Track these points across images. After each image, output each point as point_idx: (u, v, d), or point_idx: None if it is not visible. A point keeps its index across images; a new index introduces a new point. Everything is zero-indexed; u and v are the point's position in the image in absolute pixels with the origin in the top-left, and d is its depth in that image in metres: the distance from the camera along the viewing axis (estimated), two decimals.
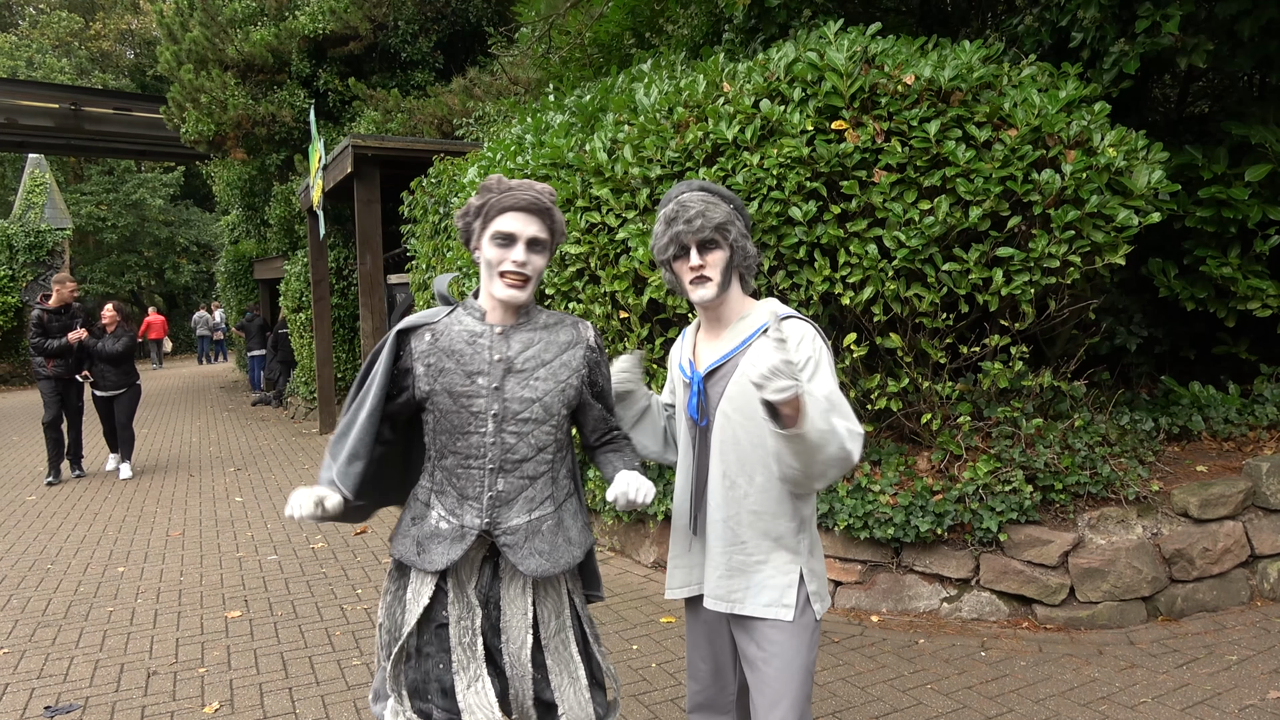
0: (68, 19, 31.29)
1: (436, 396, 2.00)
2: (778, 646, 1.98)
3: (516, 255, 1.94)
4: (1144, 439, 4.57)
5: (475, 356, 2.00)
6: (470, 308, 2.06)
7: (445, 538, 2.02)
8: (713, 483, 2.06)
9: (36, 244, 19.66)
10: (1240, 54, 4.67)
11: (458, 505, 2.02)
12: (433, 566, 2.01)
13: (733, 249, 2.03)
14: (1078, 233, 3.92)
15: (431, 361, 2.00)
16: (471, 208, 2.01)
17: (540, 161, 5.08)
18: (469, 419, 1.99)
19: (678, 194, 2.09)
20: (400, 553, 2.07)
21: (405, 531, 2.09)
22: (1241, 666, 3.44)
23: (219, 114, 13.24)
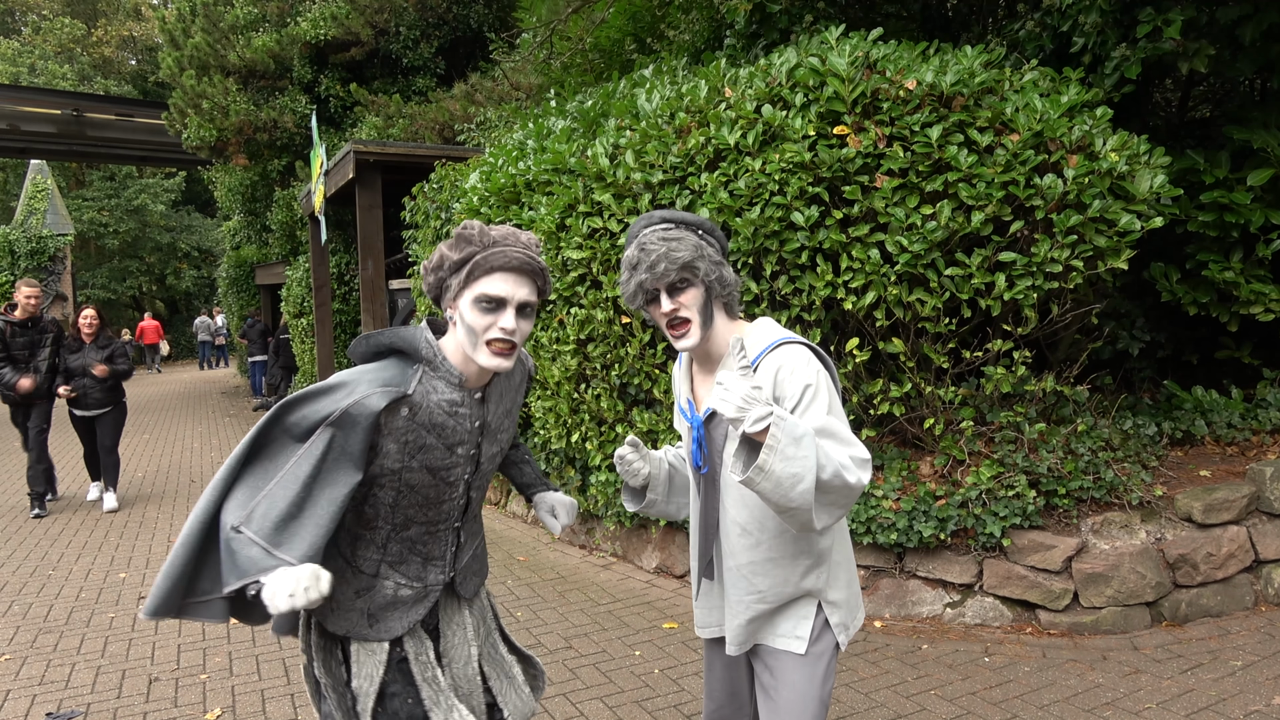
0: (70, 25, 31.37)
1: (409, 474, 1.78)
2: (788, 676, 1.93)
3: (506, 323, 1.70)
4: (1147, 444, 4.56)
5: (457, 429, 1.80)
6: (444, 371, 1.77)
7: (405, 604, 1.88)
8: (726, 530, 1.96)
9: (38, 250, 19.67)
10: (1242, 59, 4.67)
11: (422, 569, 1.90)
12: (390, 635, 1.86)
13: (706, 283, 1.87)
14: (1080, 237, 3.92)
15: (409, 439, 1.76)
16: (448, 261, 1.73)
17: (542, 167, 5.09)
18: (444, 490, 1.85)
19: (638, 233, 1.93)
20: (345, 628, 1.85)
21: (347, 605, 1.85)
22: (1246, 672, 3.43)
23: (221, 120, 13.27)
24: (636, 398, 4.95)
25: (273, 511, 1.62)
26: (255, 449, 1.70)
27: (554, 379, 5.24)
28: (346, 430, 1.68)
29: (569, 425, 5.34)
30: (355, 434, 1.68)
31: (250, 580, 1.56)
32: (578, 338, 4.94)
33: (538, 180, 5.16)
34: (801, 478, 1.61)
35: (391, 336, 1.78)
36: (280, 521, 1.62)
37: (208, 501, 1.67)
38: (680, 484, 2.15)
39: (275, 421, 1.70)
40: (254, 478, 1.68)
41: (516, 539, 5.96)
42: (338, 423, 1.68)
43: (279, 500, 1.63)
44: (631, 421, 4.89)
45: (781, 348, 1.86)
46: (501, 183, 5.41)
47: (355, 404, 1.68)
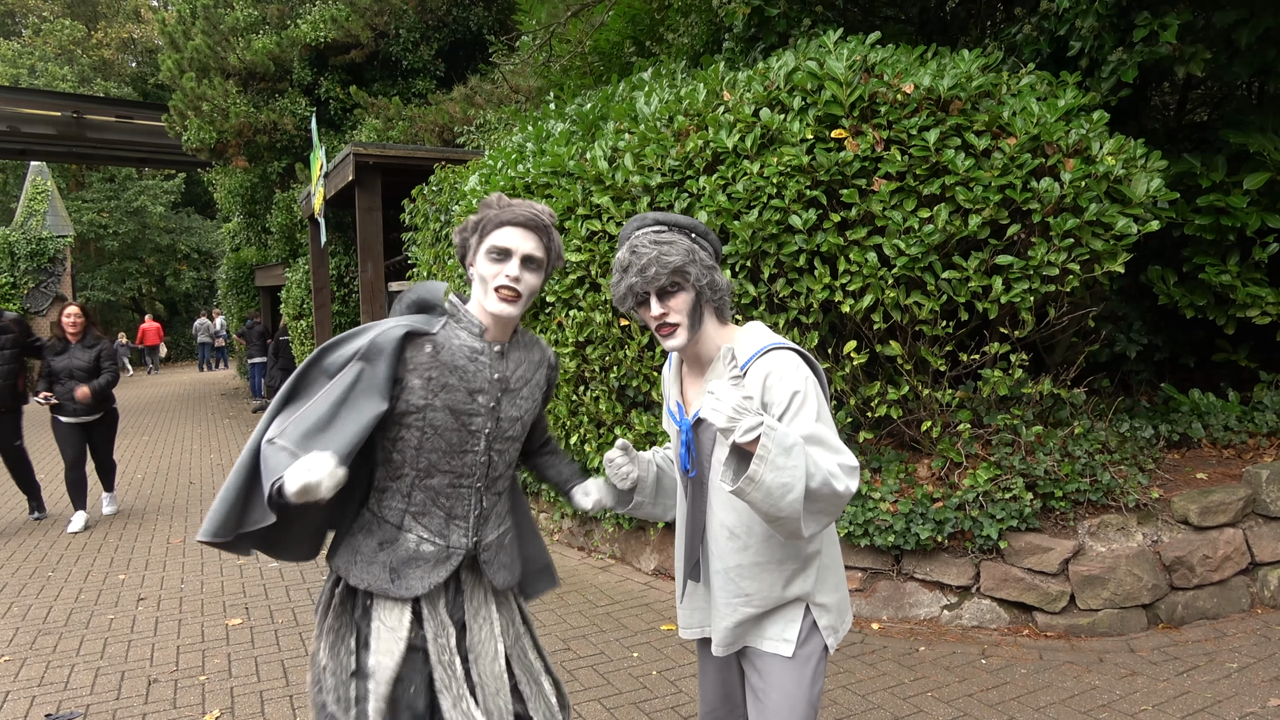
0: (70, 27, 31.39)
1: (433, 413, 1.89)
2: (777, 679, 1.93)
3: (510, 270, 1.89)
4: (1144, 446, 4.57)
5: (477, 374, 1.93)
6: (466, 321, 1.96)
7: (427, 561, 1.93)
8: (713, 533, 1.95)
9: (38, 251, 19.69)
10: (1238, 62, 4.69)
11: (444, 525, 1.95)
12: (411, 593, 1.90)
13: (697, 288, 1.87)
14: (1077, 240, 3.93)
15: (433, 375, 1.89)
16: (469, 223, 1.96)
17: (541, 170, 5.10)
18: (466, 438, 1.93)
19: (630, 235, 1.95)
20: (368, 581, 1.91)
21: (370, 558, 1.92)
22: (1242, 674, 3.44)
23: (221, 122, 13.29)
24: (635, 400, 4.97)
25: (302, 424, 1.76)
26: (295, 387, 1.86)
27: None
28: (373, 360, 1.83)
29: (568, 427, 5.35)
30: (381, 362, 1.83)
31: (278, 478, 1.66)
32: (576, 340, 4.96)
33: (537, 183, 5.18)
34: (791, 487, 1.62)
35: (418, 290, 2.00)
36: (309, 431, 1.74)
37: (257, 433, 1.81)
38: (667, 486, 2.16)
39: (314, 363, 1.88)
40: (291, 409, 1.83)
41: None
42: (365, 354, 1.84)
43: (309, 416, 1.77)
44: (630, 424, 4.90)
45: (771, 353, 1.86)
46: (501, 185, 5.42)
47: (381, 334, 1.86)
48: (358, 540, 1.95)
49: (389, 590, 1.90)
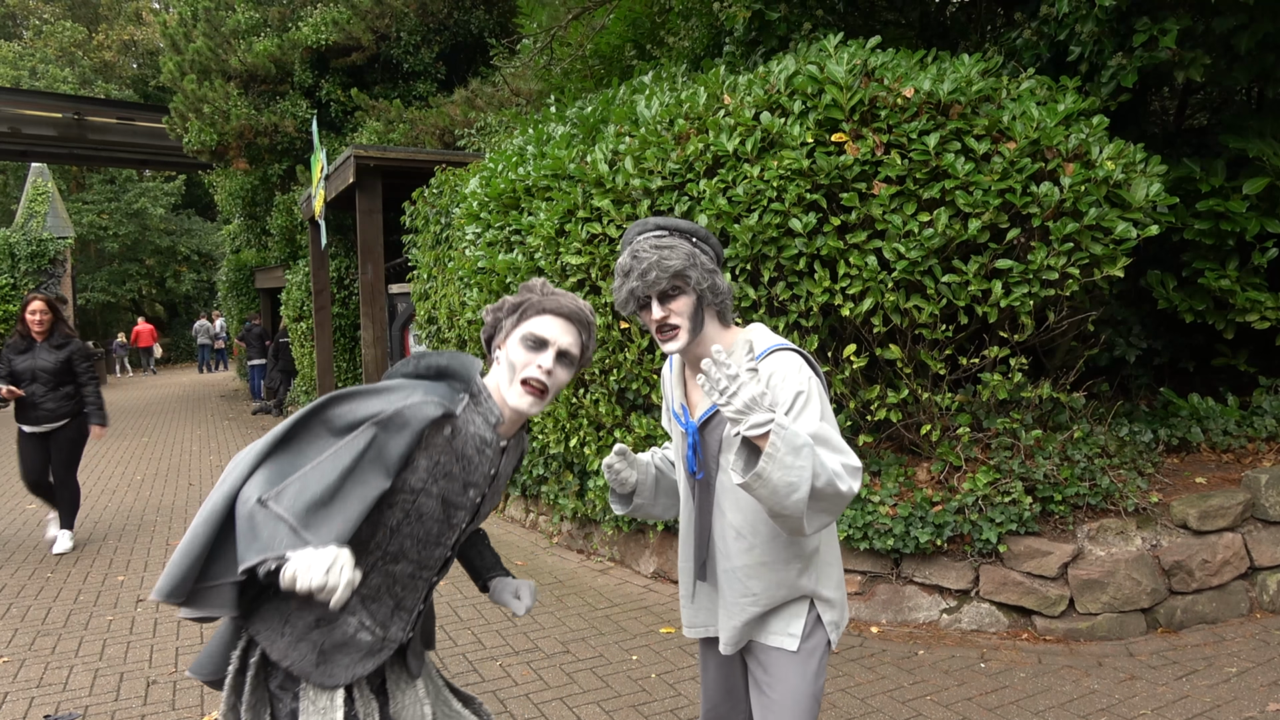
0: (71, 29, 31.41)
1: (424, 499, 1.74)
2: (782, 673, 1.94)
3: (544, 361, 1.75)
4: (1143, 450, 4.58)
5: (477, 469, 1.79)
6: (486, 409, 1.79)
7: (359, 650, 1.76)
8: (719, 534, 1.97)
9: (38, 253, 19.68)
10: (1237, 68, 4.70)
11: (389, 615, 1.79)
12: (333, 682, 1.72)
13: (698, 291, 1.88)
14: (1076, 245, 3.94)
15: (441, 460, 1.73)
16: (506, 304, 1.83)
17: (541, 172, 5.11)
18: (444, 530, 1.80)
19: (631, 239, 1.96)
20: (291, 660, 1.70)
21: (301, 634, 1.71)
22: (1241, 679, 3.44)
23: (221, 124, 13.31)
24: (634, 402, 4.97)
25: (306, 493, 1.57)
26: (290, 436, 1.67)
27: None
28: (392, 432, 1.66)
29: (567, 430, 5.35)
30: (401, 437, 1.66)
31: (274, 555, 1.48)
32: None
33: (537, 185, 5.19)
34: (797, 487, 1.64)
35: (448, 359, 1.81)
36: (313, 504, 1.56)
37: (232, 481, 1.60)
38: (666, 486, 2.17)
39: (317, 412, 1.69)
40: (282, 462, 1.63)
41: (514, 543, 5.97)
42: (385, 423, 1.65)
43: (313, 484, 1.58)
44: (629, 426, 4.90)
45: (774, 354, 1.88)
46: (501, 188, 5.43)
47: (411, 406, 1.67)
48: (289, 610, 1.71)
49: (310, 675, 1.71)
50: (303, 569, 1.43)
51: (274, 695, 1.74)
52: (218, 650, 1.78)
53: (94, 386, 6.01)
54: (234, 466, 1.62)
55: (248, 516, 1.53)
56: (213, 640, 1.80)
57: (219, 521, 1.59)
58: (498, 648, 4.12)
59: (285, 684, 1.74)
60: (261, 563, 1.48)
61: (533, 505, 6.38)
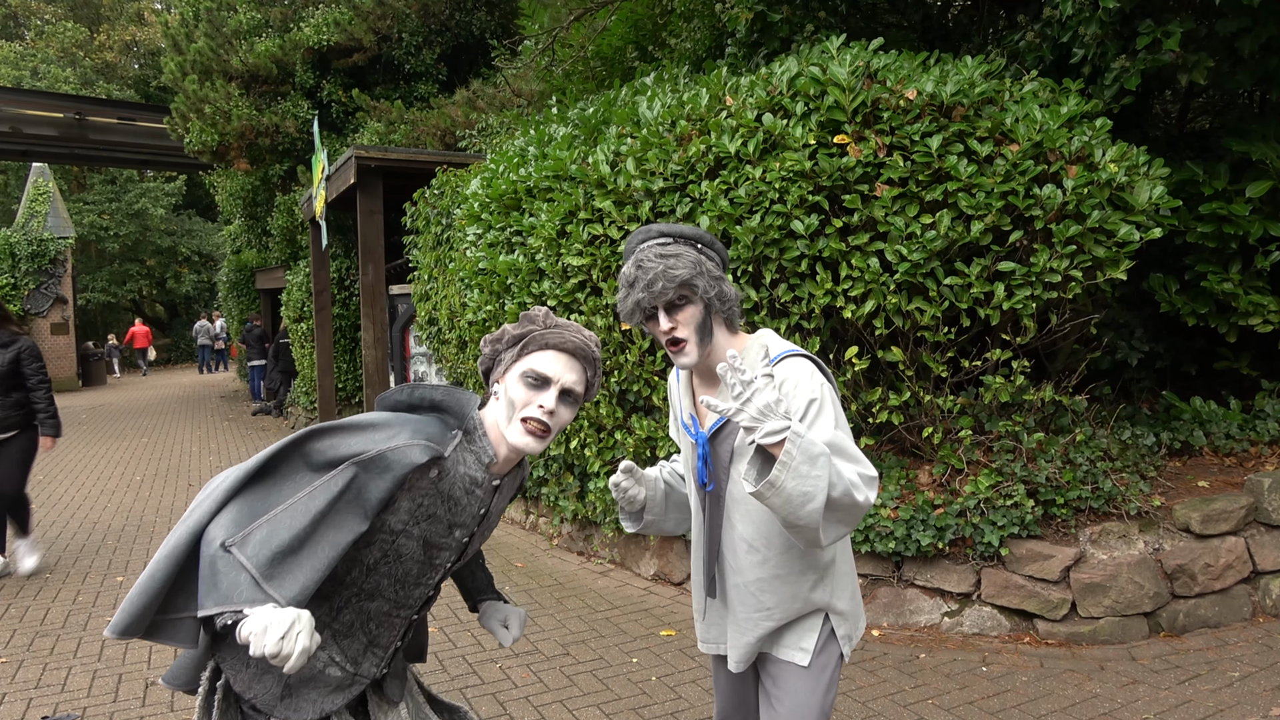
0: (73, 29, 31.43)
1: (404, 540, 1.66)
2: (791, 687, 1.91)
3: (546, 401, 1.66)
4: (1145, 454, 4.56)
5: (465, 510, 1.70)
6: (478, 448, 1.70)
7: (327, 685, 1.69)
8: (732, 547, 1.92)
9: (39, 252, 19.70)
10: (1241, 71, 4.69)
11: (361, 653, 1.72)
12: (299, 716, 1.65)
13: (705, 300, 1.83)
14: (1079, 247, 3.93)
15: (423, 503, 1.65)
16: (506, 335, 1.74)
17: (543, 173, 5.10)
18: (426, 571, 1.72)
19: (634, 248, 1.90)
20: (255, 692, 1.63)
21: (265, 666, 1.63)
22: (1244, 683, 3.43)
23: (223, 124, 13.30)
24: (635, 404, 4.96)
25: (273, 540, 1.47)
26: (265, 469, 1.57)
27: None
28: (373, 474, 1.56)
29: (567, 432, 5.34)
30: (382, 481, 1.56)
31: (231, 609, 1.41)
32: None
33: (539, 187, 5.18)
34: (813, 496, 1.59)
35: (443, 394, 1.71)
36: (279, 553, 1.47)
37: (198, 517, 1.51)
38: (677, 500, 2.13)
39: (296, 445, 1.58)
40: (253, 499, 1.53)
41: (514, 545, 5.96)
42: (366, 464, 1.56)
43: (282, 529, 1.49)
44: (630, 428, 4.89)
45: (785, 360, 1.84)
46: (502, 189, 5.43)
47: (396, 450, 1.57)
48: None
49: (274, 710, 1.64)
50: (258, 632, 1.36)
51: (246, 716, 1.67)
52: (189, 663, 1.72)
53: (45, 391, 5.40)
54: (202, 499, 1.53)
55: (209, 561, 1.45)
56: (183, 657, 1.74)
57: (181, 559, 1.49)
58: (497, 650, 4.10)
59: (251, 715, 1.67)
60: (219, 614, 1.42)
61: (533, 507, 6.37)
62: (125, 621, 1.47)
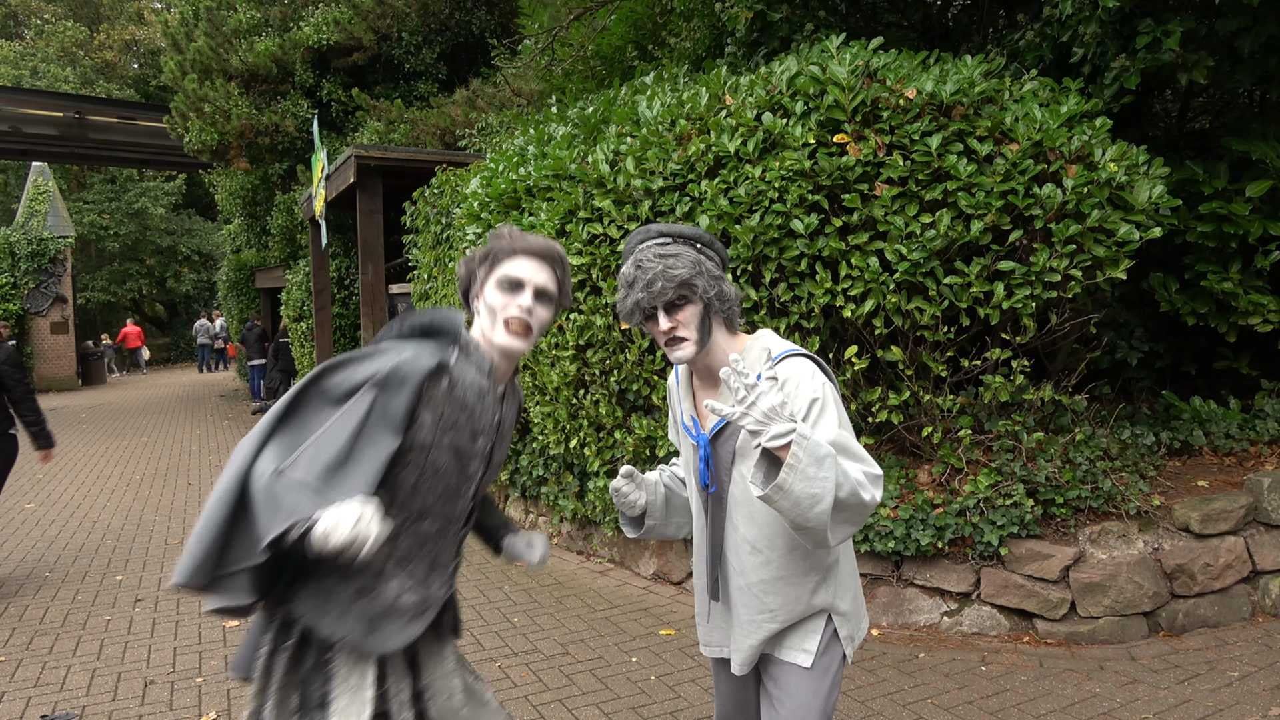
0: (73, 29, 31.41)
1: (437, 452, 1.74)
2: (793, 689, 1.91)
3: (523, 300, 1.77)
4: (1145, 453, 4.56)
5: (482, 416, 1.80)
6: (477, 357, 1.80)
7: (405, 614, 1.76)
8: (734, 548, 1.92)
9: (39, 252, 19.71)
10: (1240, 70, 4.68)
11: (427, 574, 1.81)
12: (383, 649, 1.72)
13: (705, 300, 1.84)
14: (1079, 247, 3.92)
15: (445, 412, 1.73)
16: (477, 254, 1.86)
17: (542, 173, 5.10)
18: (462, 482, 1.81)
19: (634, 248, 1.91)
20: (341, 633, 1.70)
21: (345, 607, 1.70)
22: (1243, 683, 3.43)
23: (222, 124, 13.29)
24: (635, 404, 4.95)
25: (320, 458, 1.57)
26: (290, 411, 1.66)
27: (553, 384, 5.24)
28: (391, 391, 1.65)
29: (567, 431, 5.34)
30: (401, 394, 1.66)
31: (300, 518, 1.48)
32: (577, 343, 4.95)
33: (538, 186, 5.17)
34: (821, 498, 1.59)
35: (432, 315, 1.81)
36: (329, 467, 1.57)
37: (240, 461, 1.58)
38: (678, 504, 2.12)
39: (313, 383, 1.68)
40: (287, 435, 1.62)
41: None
42: (382, 383, 1.65)
43: (325, 449, 1.58)
44: (630, 427, 4.89)
45: (786, 360, 1.84)
46: (502, 188, 5.42)
47: (406, 361, 1.67)
48: (330, 585, 1.70)
49: (362, 645, 1.70)
50: (332, 525, 1.44)
51: (305, 679, 1.73)
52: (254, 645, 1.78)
53: (30, 403, 4.99)
54: (240, 448, 1.61)
55: (265, 490, 1.53)
56: (247, 637, 1.80)
57: (232, 502, 1.56)
58: (496, 649, 4.10)
59: (317, 667, 1.72)
60: (289, 529, 1.49)
61: (532, 506, 6.37)
62: (188, 568, 1.54)
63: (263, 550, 1.51)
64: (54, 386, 19.70)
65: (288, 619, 1.73)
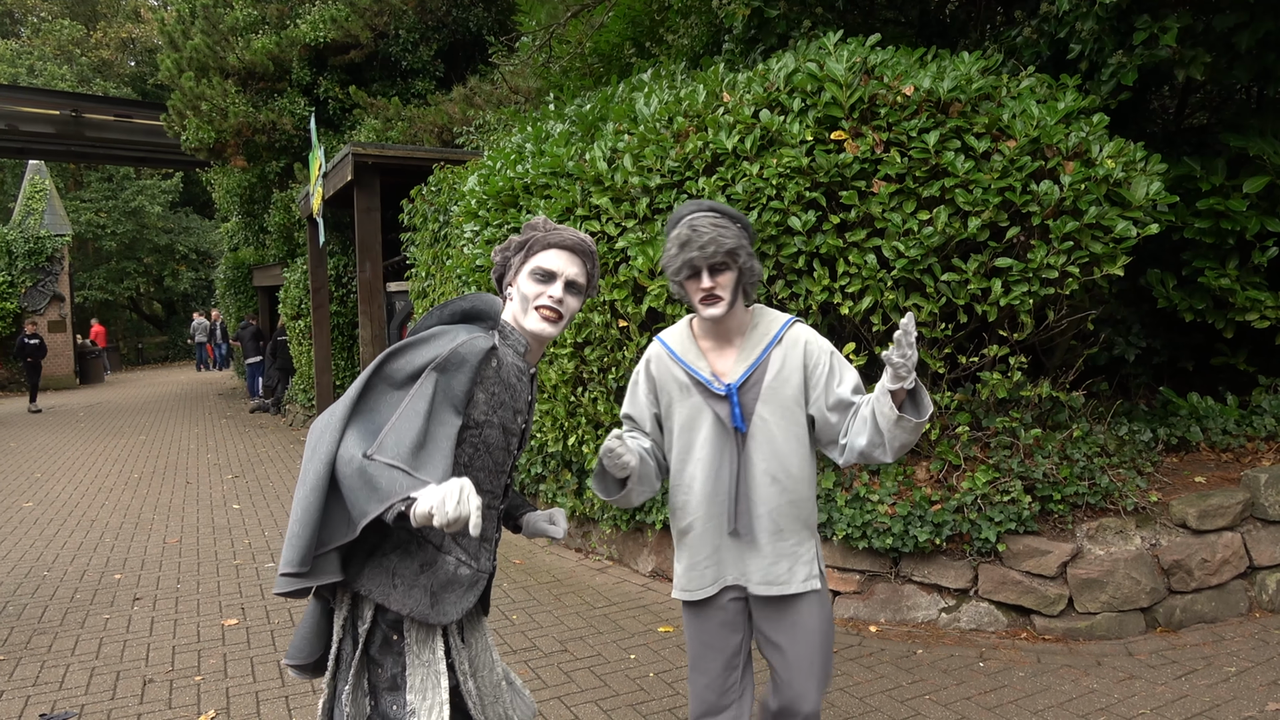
0: (69, 27, 31.34)
1: (490, 429, 1.87)
2: (814, 614, 2.23)
3: (554, 291, 1.92)
4: (1142, 450, 4.57)
5: (521, 395, 1.94)
6: (514, 339, 1.94)
7: (462, 585, 1.86)
8: (756, 481, 2.20)
9: (36, 250, 19.69)
10: (1238, 66, 4.69)
11: (478, 548, 1.91)
12: (447, 619, 1.82)
13: (742, 269, 2.15)
14: (1076, 243, 3.93)
15: (495, 391, 1.87)
16: (512, 243, 1.98)
17: (540, 170, 5.09)
18: (505, 458, 1.95)
19: (688, 215, 2.17)
20: (410, 607, 1.78)
21: (411, 581, 1.80)
22: (1240, 678, 3.43)
23: (219, 121, 13.27)
24: None
25: (404, 440, 1.67)
26: (361, 399, 1.75)
27: (551, 382, 5.24)
28: (451, 372, 1.77)
29: (565, 428, 5.34)
30: (461, 374, 1.78)
31: (399, 498, 1.57)
32: (575, 341, 4.95)
33: (536, 184, 5.17)
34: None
35: (472, 300, 1.92)
36: (413, 448, 1.67)
37: (326, 449, 1.67)
38: (647, 473, 2.28)
39: (376, 371, 1.78)
40: (364, 422, 1.72)
41: (512, 542, 5.96)
42: (442, 366, 1.77)
43: (406, 431, 1.69)
44: None
45: (796, 324, 2.25)
46: (500, 186, 5.42)
47: (464, 343, 1.80)
48: (393, 562, 1.80)
49: (429, 616, 1.79)
50: (436, 504, 1.52)
51: (373, 660, 1.82)
52: (312, 633, 1.89)
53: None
54: (319, 436, 1.70)
55: (358, 474, 1.62)
56: (302, 627, 1.91)
57: (324, 489, 1.66)
58: (495, 646, 4.10)
59: (384, 649, 1.82)
60: (389, 508, 1.58)
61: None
62: (297, 555, 1.65)
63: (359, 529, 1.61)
64: (51, 385, 19.67)
65: (356, 600, 1.83)
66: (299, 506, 1.66)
